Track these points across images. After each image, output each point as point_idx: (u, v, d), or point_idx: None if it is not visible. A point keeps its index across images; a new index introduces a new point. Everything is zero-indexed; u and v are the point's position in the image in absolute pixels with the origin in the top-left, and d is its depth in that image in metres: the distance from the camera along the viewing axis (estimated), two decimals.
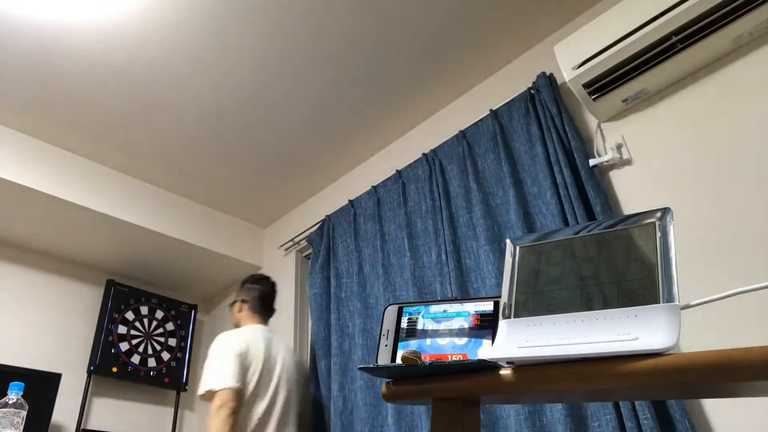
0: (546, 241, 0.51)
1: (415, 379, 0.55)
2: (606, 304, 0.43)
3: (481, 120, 2.34)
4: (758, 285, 0.47)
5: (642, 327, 0.40)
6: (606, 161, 1.92)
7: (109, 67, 2.34)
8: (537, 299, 0.48)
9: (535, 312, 0.48)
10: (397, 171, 2.63)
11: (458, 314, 0.58)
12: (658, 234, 0.44)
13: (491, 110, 2.29)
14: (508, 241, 0.54)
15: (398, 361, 0.57)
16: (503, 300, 0.51)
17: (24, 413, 1.40)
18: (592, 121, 2.06)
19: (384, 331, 0.61)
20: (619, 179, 1.92)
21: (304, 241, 3.09)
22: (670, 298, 0.42)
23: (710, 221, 1.66)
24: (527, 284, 0.50)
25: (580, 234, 0.50)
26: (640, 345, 0.39)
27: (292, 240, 3.13)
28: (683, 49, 1.75)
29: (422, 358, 0.54)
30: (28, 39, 2.19)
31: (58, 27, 2.15)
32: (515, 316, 0.49)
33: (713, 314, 1.57)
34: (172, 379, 3.18)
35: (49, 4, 2.06)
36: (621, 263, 0.45)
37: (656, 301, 0.42)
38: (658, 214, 0.45)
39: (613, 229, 0.47)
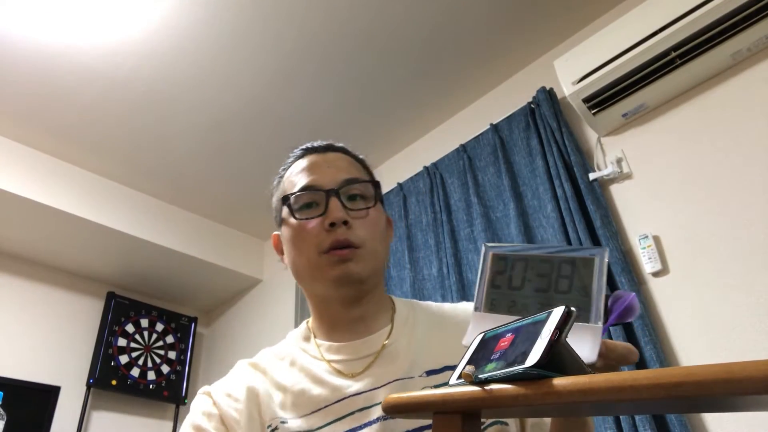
0: (513, 252, 0.59)
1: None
2: None
3: (481, 134, 2.35)
4: None
5: (574, 340, 0.48)
6: (606, 175, 1.93)
7: (112, 80, 2.35)
8: (502, 300, 0.57)
9: (500, 311, 0.57)
10: (398, 184, 2.64)
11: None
12: (596, 268, 0.54)
13: (491, 124, 2.30)
14: (483, 245, 0.61)
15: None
16: (476, 296, 0.59)
17: (2, 423, 1.35)
18: (592, 136, 2.07)
19: None
20: (619, 193, 1.93)
21: None
22: (596, 320, 0.51)
23: (709, 234, 1.66)
24: (495, 286, 0.59)
25: (538, 253, 0.58)
26: None
27: None
28: (682, 64, 1.77)
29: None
30: (32, 52, 2.21)
31: (61, 40, 2.17)
32: (485, 311, 0.58)
33: (714, 327, 1.57)
34: (171, 392, 3.16)
35: (53, 18, 2.08)
36: (566, 284, 0.55)
37: (587, 321, 0.51)
38: (598, 252, 0.55)
39: (563, 254, 0.56)
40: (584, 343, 0.50)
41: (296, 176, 0.87)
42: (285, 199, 0.83)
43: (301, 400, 0.75)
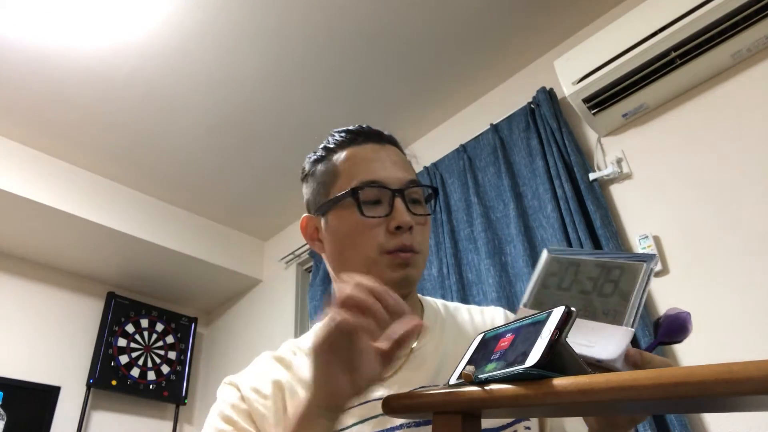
0: (570, 256, 0.62)
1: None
2: (594, 317, 0.55)
3: (481, 134, 2.35)
4: None
5: (603, 339, 0.51)
6: (606, 175, 1.93)
7: (112, 81, 2.35)
8: (547, 299, 0.59)
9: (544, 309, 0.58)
10: None
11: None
12: (641, 274, 0.55)
13: (491, 124, 2.30)
14: (545, 249, 0.64)
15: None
16: (527, 293, 0.61)
17: (2, 423, 1.36)
18: (592, 136, 2.07)
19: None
20: (619, 193, 1.93)
21: (305, 254, 3.09)
22: (630, 324, 0.53)
23: (710, 234, 1.66)
24: (545, 286, 0.61)
25: (594, 258, 0.60)
26: (594, 353, 0.50)
27: (292, 253, 3.13)
28: (682, 64, 1.77)
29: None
30: (33, 53, 2.21)
31: (62, 42, 2.17)
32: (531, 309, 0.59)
33: (714, 327, 1.57)
34: (171, 392, 3.16)
35: (54, 20, 2.08)
36: (610, 288, 0.56)
37: (620, 324, 0.53)
38: (648, 259, 0.56)
39: (617, 260, 0.58)
40: (611, 342, 0.51)
41: (358, 165, 0.83)
42: (354, 192, 0.79)
43: None
